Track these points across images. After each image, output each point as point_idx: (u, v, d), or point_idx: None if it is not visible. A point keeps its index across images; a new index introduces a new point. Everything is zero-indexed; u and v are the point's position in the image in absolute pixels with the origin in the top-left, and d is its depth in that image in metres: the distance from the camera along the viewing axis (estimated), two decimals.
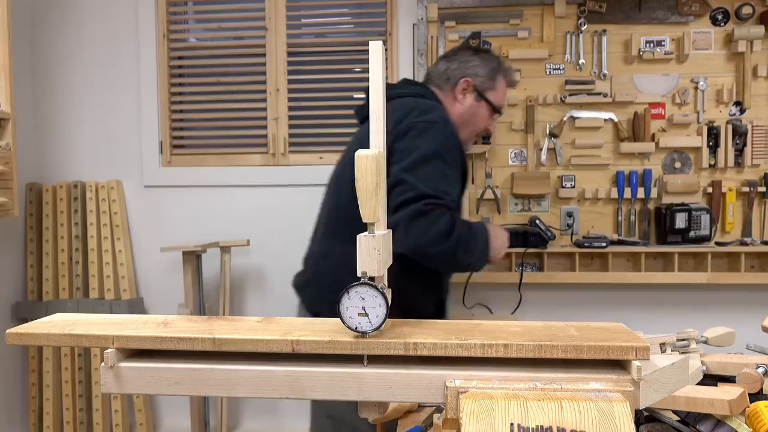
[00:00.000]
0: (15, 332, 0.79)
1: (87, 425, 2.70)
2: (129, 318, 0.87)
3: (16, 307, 2.69)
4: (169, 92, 2.83)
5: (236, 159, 2.83)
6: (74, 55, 2.83)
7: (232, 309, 2.75)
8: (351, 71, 2.81)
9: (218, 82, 2.84)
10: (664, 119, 2.54)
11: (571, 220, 2.57)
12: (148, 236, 2.81)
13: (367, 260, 0.74)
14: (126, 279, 2.70)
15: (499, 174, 2.60)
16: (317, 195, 2.84)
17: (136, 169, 2.82)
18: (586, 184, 2.57)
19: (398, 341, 0.72)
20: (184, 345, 0.76)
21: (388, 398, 0.73)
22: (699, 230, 2.44)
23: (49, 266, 2.69)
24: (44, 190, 2.73)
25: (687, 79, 2.53)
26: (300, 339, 0.74)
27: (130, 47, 2.80)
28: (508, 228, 2.48)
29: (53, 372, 2.66)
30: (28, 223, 2.74)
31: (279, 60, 2.78)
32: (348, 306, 0.72)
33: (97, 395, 2.67)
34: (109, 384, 0.77)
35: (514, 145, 2.59)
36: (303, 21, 2.84)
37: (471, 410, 0.64)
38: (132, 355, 0.80)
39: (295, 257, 2.84)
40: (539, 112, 2.58)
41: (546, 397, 0.65)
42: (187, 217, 2.80)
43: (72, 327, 0.80)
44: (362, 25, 2.85)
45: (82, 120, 2.84)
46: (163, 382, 0.76)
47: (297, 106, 2.80)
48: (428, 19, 2.58)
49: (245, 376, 0.75)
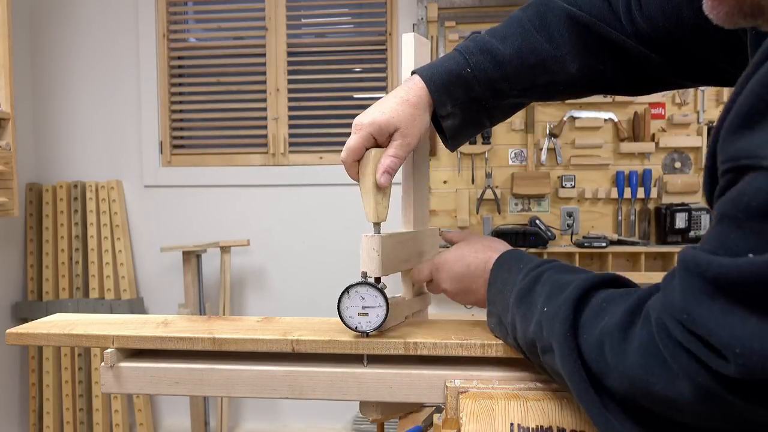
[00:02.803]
0: (15, 332, 0.79)
1: (87, 425, 2.70)
2: (129, 318, 0.87)
3: (16, 307, 2.69)
4: (169, 92, 2.83)
5: (236, 159, 2.83)
6: (74, 55, 2.83)
7: (232, 309, 2.75)
8: (351, 71, 2.81)
9: (218, 82, 2.84)
10: (664, 119, 2.54)
11: (571, 220, 2.57)
12: (148, 236, 2.81)
13: (367, 260, 0.74)
14: (126, 279, 2.70)
15: (499, 174, 2.60)
16: (317, 195, 2.86)
17: (136, 169, 2.81)
18: (586, 184, 2.57)
19: (398, 341, 0.72)
20: (184, 345, 0.76)
21: (388, 398, 0.73)
22: (699, 230, 2.44)
23: (49, 266, 2.69)
24: (44, 190, 2.73)
25: None
26: (300, 339, 0.74)
27: (130, 47, 2.80)
28: (509, 228, 2.48)
29: (53, 372, 2.66)
30: (28, 223, 2.74)
31: (279, 60, 2.78)
32: (348, 305, 0.72)
33: (97, 395, 2.66)
34: (109, 384, 0.77)
35: (514, 145, 2.59)
36: (303, 21, 2.84)
37: (471, 410, 0.64)
38: (132, 355, 0.80)
39: (295, 257, 2.85)
40: (539, 112, 2.57)
41: (546, 397, 0.65)
42: (187, 217, 2.80)
43: (72, 327, 0.80)
44: (362, 25, 2.84)
45: (82, 120, 2.84)
46: (163, 382, 0.76)
47: (297, 106, 2.80)
48: (428, 19, 2.58)
49: (245, 376, 0.75)
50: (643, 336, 0.43)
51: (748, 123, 0.35)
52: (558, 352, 0.51)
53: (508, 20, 0.77)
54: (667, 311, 0.40)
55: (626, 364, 0.44)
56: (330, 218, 2.72)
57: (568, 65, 0.72)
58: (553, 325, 0.53)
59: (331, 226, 2.72)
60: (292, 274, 2.78)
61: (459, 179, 2.61)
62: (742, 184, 0.34)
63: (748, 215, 0.33)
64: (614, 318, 0.47)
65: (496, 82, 0.73)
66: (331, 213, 2.72)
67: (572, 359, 0.49)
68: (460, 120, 0.76)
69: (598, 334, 0.48)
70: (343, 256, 2.65)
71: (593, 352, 0.48)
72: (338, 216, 2.70)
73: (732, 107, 0.37)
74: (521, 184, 2.53)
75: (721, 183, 0.37)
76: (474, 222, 2.60)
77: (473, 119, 0.77)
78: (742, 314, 0.33)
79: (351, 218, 2.66)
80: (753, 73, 0.36)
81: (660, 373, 0.40)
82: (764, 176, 0.32)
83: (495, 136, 2.58)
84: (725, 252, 0.34)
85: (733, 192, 0.35)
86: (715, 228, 0.36)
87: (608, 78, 0.74)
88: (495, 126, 0.82)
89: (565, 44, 0.72)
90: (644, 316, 0.44)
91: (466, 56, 0.73)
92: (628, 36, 0.70)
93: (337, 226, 2.71)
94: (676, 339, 0.38)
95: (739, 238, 0.33)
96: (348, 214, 2.66)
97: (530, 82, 0.74)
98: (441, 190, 2.62)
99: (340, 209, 2.69)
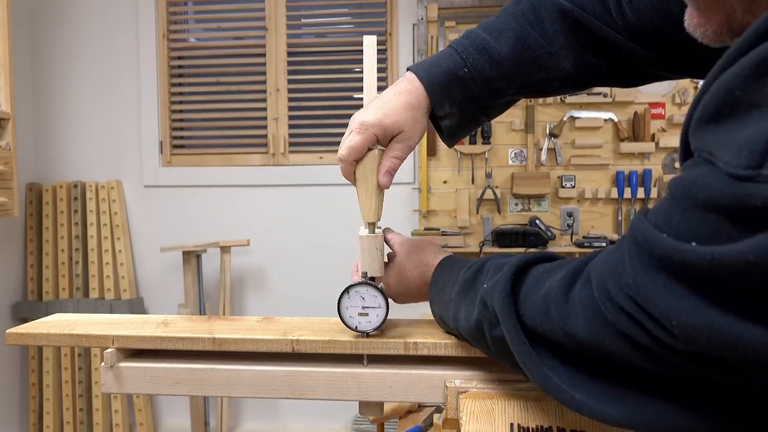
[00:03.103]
0: (15, 332, 0.79)
1: (87, 425, 2.70)
2: (129, 318, 0.87)
3: (16, 307, 2.69)
4: (169, 92, 2.83)
5: (236, 159, 2.83)
6: (74, 55, 2.83)
7: (232, 309, 2.75)
8: (351, 71, 2.81)
9: (218, 82, 2.84)
10: (664, 119, 2.54)
11: (571, 220, 2.57)
12: (148, 236, 2.81)
13: (368, 260, 0.74)
14: (126, 279, 2.70)
15: (499, 174, 2.60)
16: (317, 195, 2.86)
17: (136, 169, 2.81)
18: (586, 184, 2.57)
19: (398, 341, 0.72)
20: (183, 345, 0.76)
21: (388, 398, 0.73)
22: None
23: (49, 266, 2.69)
24: (44, 190, 2.73)
25: (687, 80, 2.53)
26: (300, 339, 0.74)
27: (130, 47, 2.80)
28: (509, 228, 2.48)
29: (53, 372, 2.66)
30: (28, 223, 2.74)
31: (279, 60, 2.78)
32: (348, 305, 0.72)
33: (97, 395, 2.66)
34: (109, 384, 0.77)
35: (514, 145, 2.59)
36: (303, 21, 2.84)
37: (471, 410, 0.64)
38: (132, 355, 0.80)
39: (295, 257, 2.85)
40: (539, 112, 2.57)
41: (546, 397, 0.65)
42: (187, 217, 2.80)
43: (72, 327, 0.80)
44: (362, 25, 2.84)
45: (82, 120, 2.84)
46: (163, 382, 0.76)
47: (297, 106, 2.80)
48: (428, 19, 2.58)
49: (245, 376, 0.75)
50: (584, 296, 0.47)
51: (714, 118, 0.37)
52: (500, 317, 0.55)
53: (502, 14, 0.76)
54: (612, 277, 0.43)
55: (570, 323, 0.48)
56: (330, 218, 2.72)
57: (562, 61, 0.73)
58: (493, 296, 0.57)
59: (331, 226, 2.72)
60: (292, 274, 2.78)
61: (459, 179, 2.61)
62: (696, 173, 0.37)
63: (694, 204, 0.36)
64: (555, 283, 0.51)
65: (493, 81, 0.73)
66: (331, 213, 2.72)
67: (511, 323, 0.54)
68: (458, 119, 0.77)
69: (542, 298, 0.52)
70: (343, 256, 2.65)
71: (538, 316, 0.52)
72: (338, 216, 2.70)
73: (702, 97, 0.38)
74: (521, 184, 2.53)
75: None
76: (474, 222, 2.60)
77: (471, 117, 0.78)
78: (680, 291, 0.37)
79: (351, 218, 2.65)
80: (726, 67, 0.37)
81: (605, 331, 0.44)
82: (715, 173, 0.35)
83: (495, 136, 2.58)
84: (670, 230, 0.38)
85: (686, 177, 0.38)
86: (665, 203, 0.40)
87: (602, 71, 0.75)
88: (494, 122, 0.83)
89: (559, 40, 0.72)
90: (585, 278, 0.48)
91: (462, 55, 0.73)
92: (619, 30, 0.70)
93: (337, 225, 2.71)
94: (618, 304, 0.42)
95: (682, 221, 0.37)
96: (348, 214, 2.65)
97: (526, 79, 0.75)
98: (441, 190, 2.62)
99: (340, 209, 2.69)
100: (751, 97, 0.34)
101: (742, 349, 0.34)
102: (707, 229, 0.35)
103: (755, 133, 0.33)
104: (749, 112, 0.34)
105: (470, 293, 0.64)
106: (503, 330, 0.55)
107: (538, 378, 0.52)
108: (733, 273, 0.33)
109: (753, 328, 0.33)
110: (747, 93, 0.34)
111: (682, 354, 0.39)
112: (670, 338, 0.38)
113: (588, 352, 0.47)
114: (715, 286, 0.35)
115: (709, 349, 0.36)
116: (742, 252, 0.33)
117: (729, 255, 0.33)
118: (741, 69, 0.35)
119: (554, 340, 0.50)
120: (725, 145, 0.35)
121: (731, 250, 0.33)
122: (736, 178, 0.33)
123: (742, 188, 0.33)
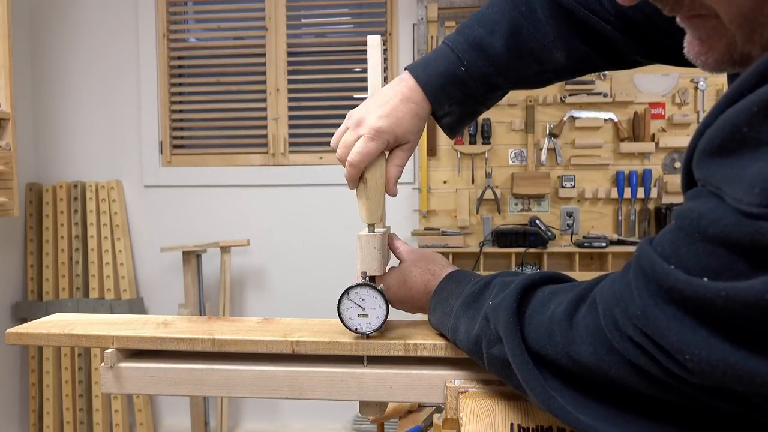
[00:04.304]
0: (15, 332, 0.79)
1: (87, 425, 2.70)
2: (129, 318, 0.87)
3: (16, 307, 2.69)
4: (169, 92, 2.83)
5: (236, 159, 2.83)
6: (74, 55, 2.82)
7: (232, 309, 2.75)
8: (351, 71, 2.81)
9: (218, 82, 2.84)
10: (664, 119, 2.54)
11: (571, 220, 2.57)
12: (148, 236, 2.81)
13: (368, 260, 0.73)
14: (126, 279, 2.70)
15: (499, 174, 2.60)
16: (317, 195, 2.86)
17: (136, 169, 2.81)
18: (586, 184, 2.57)
19: (398, 342, 0.72)
20: (183, 345, 0.76)
21: (388, 398, 0.73)
22: None
23: (49, 266, 2.69)
24: (44, 190, 2.73)
25: (687, 79, 2.53)
26: (300, 340, 0.74)
27: (130, 47, 2.80)
28: (509, 228, 2.48)
29: (53, 372, 2.66)
30: (28, 223, 2.74)
31: (279, 60, 2.78)
32: (348, 307, 0.72)
33: (97, 395, 2.66)
34: (109, 384, 0.77)
35: (514, 145, 2.59)
36: (303, 21, 2.84)
37: (471, 410, 0.64)
38: (132, 356, 0.80)
39: (295, 257, 2.85)
40: (539, 112, 2.57)
41: None
42: (187, 217, 2.80)
43: (72, 327, 0.80)
44: (362, 25, 2.84)
45: (82, 120, 2.84)
46: (163, 382, 0.76)
47: (297, 106, 2.80)
48: (428, 19, 2.58)
49: (245, 376, 0.75)
50: (589, 322, 0.46)
51: (720, 152, 0.37)
52: (504, 336, 0.54)
53: (494, 5, 0.76)
54: (619, 306, 0.42)
55: (575, 348, 0.47)
56: (330, 218, 2.72)
57: (555, 53, 0.73)
58: (498, 314, 0.56)
59: (331, 226, 2.72)
60: (292, 274, 2.78)
61: (459, 179, 2.61)
62: (703, 206, 0.37)
63: (703, 237, 0.36)
64: (561, 306, 0.51)
65: (490, 77, 0.74)
66: (331, 213, 2.72)
67: (516, 342, 0.53)
68: (458, 115, 0.78)
69: (547, 321, 0.51)
70: (343, 256, 2.65)
71: (543, 338, 0.51)
72: (338, 216, 2.70)
73: (705, 129, 0.38)
74: (521, 184, 2.53)
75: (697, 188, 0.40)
76: (474, 222, 2.59)
77: (469, 111, 0.79)
78: (692, 325, 0.37)
79: (351, 218, 2.65)
80: (732, 101, 0.37)
81: (611, 358, 0.44)
82: (724, 208, 0.35)
83: (495, 136, 2.58)
84: (678, 262, 0.38)
85: (693, 209, 0.38)
86: (672, 232, 0.39)
87: (593, 59, 0.75)
88: (494, 122, 0.84)
89: (552, 31, 0.72)
90: (590, 303, 0.47)
91: (458, 54, 0.73)
92: (610, 19, 0.70)
93: (336, 225, 2.71)
94: (626, 333, 0.42)
95: (690, 254, 0.37)
96: (348, 214, 2.65)
97: (522, 73, 0.75)
98: (441, 190, 2.62)
99: (339, 209, 2.69)
100: (759, 134, 0.34)
101: (759, 384, 0.34)
102: (717, 263, 0.36)
103: (766, 171, 0.33)
104: (757, 148, 0.34)
105: (473, 308, 0.63)
106: (506, 349, 0.54)
107: (542, 398, 0.51)
108: (748, 310, 0.34)
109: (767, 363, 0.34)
110: (755, 130, 0.35)
111: (693, 385, 0.39)
112: (683, 371, 0.38)
113: (593, 376, 0.47)
114: (729, 321, 0.35)
115: (723, 383, 0.36)
116: (758, 290, 0.33)
117: (744, 292, 0.34)
118: (749, 106, 0.35)
119: (558, 363, 0.50)
120: (734, 180, 0.35)
121: (745, 288, 0.33)
122: (748, 216, 0.34)
123: (755, 226, 0.33)
